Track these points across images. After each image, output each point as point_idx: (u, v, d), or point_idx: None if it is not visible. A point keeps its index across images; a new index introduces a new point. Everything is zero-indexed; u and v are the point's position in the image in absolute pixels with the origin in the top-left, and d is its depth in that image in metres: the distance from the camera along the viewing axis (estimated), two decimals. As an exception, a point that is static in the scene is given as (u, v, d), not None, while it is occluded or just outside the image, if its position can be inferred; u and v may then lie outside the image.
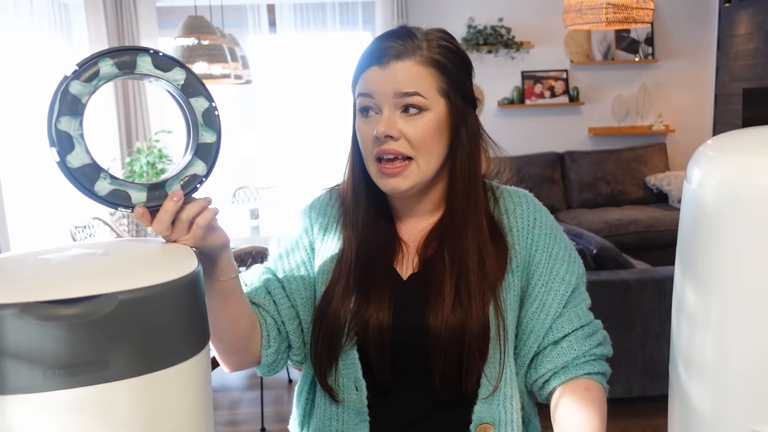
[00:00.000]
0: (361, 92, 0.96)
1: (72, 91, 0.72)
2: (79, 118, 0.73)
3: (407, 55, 0.94)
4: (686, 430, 0.68)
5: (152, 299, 0.63)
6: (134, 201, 0.77)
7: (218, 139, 0.80)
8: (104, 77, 0.74)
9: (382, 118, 0.94)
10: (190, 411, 0.68)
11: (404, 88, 0.93)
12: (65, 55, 4.61)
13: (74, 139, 0.73)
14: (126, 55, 0.75)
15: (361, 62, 0.97)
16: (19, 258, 0.70)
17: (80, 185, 0.75)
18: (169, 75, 0.77)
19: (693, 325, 0.65)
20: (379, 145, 0.94)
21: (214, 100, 0.80)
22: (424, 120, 0.94)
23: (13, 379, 0.59)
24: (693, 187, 0.67)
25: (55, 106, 0.72)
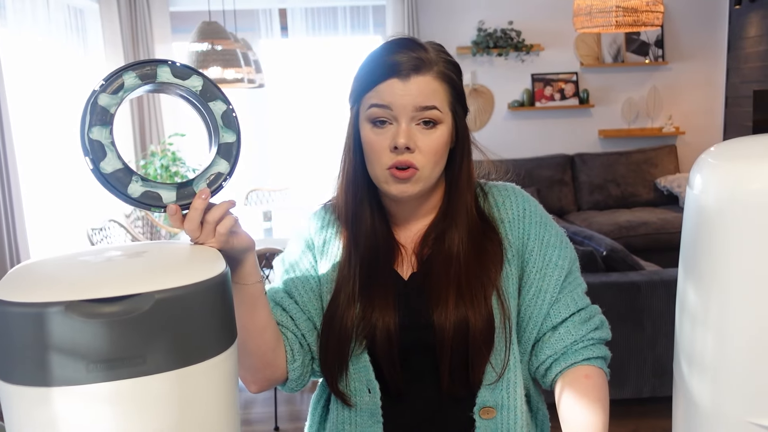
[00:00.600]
0: (377, 103, 0.97)
1: (101, 103, 0.78)
2: (108, 127, 0.79)
3: (425, 69, 0.97)
4: (688, 423, 0.72)
5: (186, 298, 0.68)
6: (165, 201, 0.82)
7: (238, 138, 0.85)
8: (129, 88, 0.79)
9: (399, 129, 0.97)
10: (219, 403, 0.72)
11: (424, 102, 0.96)
12: (81, 60, 4.69)
13: (106, 147, 0.79)
14: (147, 67, 0.80)
15: (375, 74, 0.98)
16: (59, 260, 0.75)
17: (114, 189, 0.79)
18: (188, 82, 0.82)
19: (694, 324, 0.69)
20: (395, 156, 0.97)
21: (230, 103, 0.85)
22: (437, 133, 0.98)
23: (58, 372, 0.63)
24: (695, 192, 0.70)
25: (86, 118, 0.78)
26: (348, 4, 5.23)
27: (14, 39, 3.76)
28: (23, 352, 0.64)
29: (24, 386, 0.64)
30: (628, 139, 5.55)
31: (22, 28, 3.86)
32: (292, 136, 5.37)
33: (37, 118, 3.99)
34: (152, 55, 5.07)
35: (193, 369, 0.69)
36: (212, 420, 0.72)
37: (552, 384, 1.05)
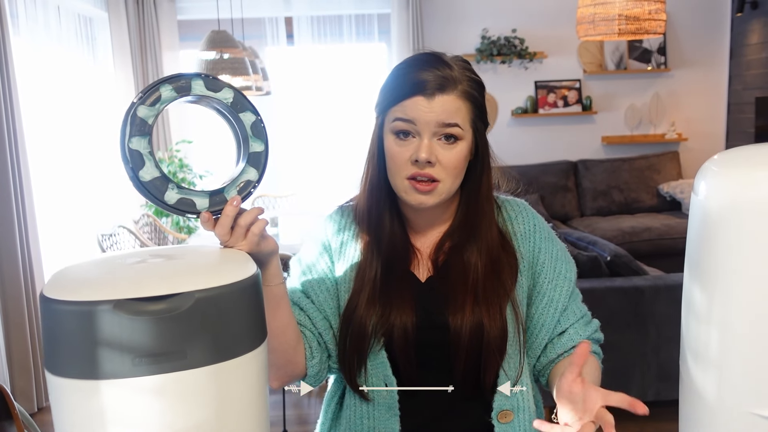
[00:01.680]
0: (402, 117, 1.02)
1: (139, 114, 0.83)
2: (147, 137, 0.84)
3: (449, 88, 1.01)
4: (694, 415, 0.76)
5: (223, 297, 0.72)
6: (199, 207, 0.87)
7: (266, 147, 0.90)
8: (165, 101, 0.84)
9: (422, 144, 1.01)
10: (252, 396, 0.77)
11: (447, 119, 1.01)
12: (91, 68, 4.75)
13: (144, 156, 0.84)
14: (182, 80, 0.85)
15: (402, 89, 1.03)
16: (99, 262, 0.80)
17: (152, 196, 0.84)
18: (220, 94, 0.87)
19: (700, 322, 0.73)
20: (416, 168, 1.02)
21: (259, 114, 0.90)
22: (458, 149, 1.03)
23: (105, 366, 0.68)
24: (700, 199, 0.75)
25: (127, 128, 0.83)
26: (353, 12, 5.30)
27: (27, 48, 3.82)
28: (73, 347, 0.69)
29: (74, 379, 0.69)
30: (631, 146, 5.60)
31: (35, 36, 3.92)
32: (298, 143, 5.43)
33: (48, 125, 4.05)
34: (160, 63, 5.13)
35: (230, 364, 0.73)
36: (247, 412, 0.76)
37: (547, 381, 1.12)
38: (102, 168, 4.88)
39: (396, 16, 5.21)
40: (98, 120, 4.82)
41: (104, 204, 4.84)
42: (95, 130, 4.79)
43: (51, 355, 0.71)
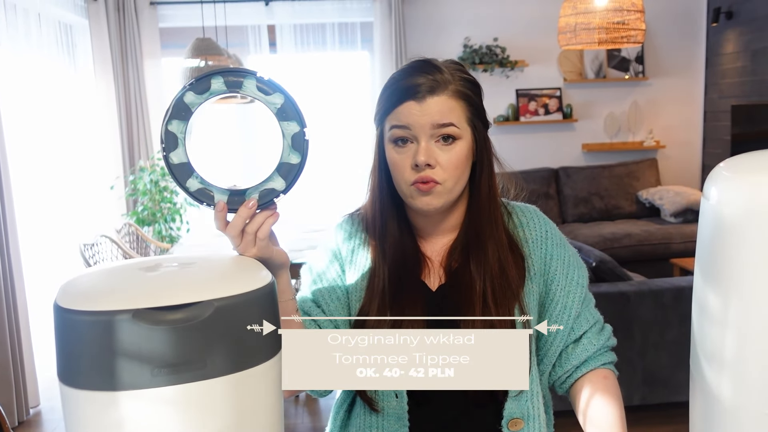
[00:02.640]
0: (397, 124, 1.03)
1: (186, 100, 0.84)
2: (186, 123, 0.85)
3: (440, 89, 1.02)
4: (708, 417, 0.77)
5: (242, 305, 0.72)
6: (216, 201, 0.87)
7: (302, 161, 0.88)
8: (214, 92, 0.85)
9: (419, 147, 1.02)
10: (269, 405, 0.77)
11: (441, 119, 1.01)
12: (71, 76, 4.70)
13: (179, 140, 0.85)
14: (235, 76, 0.85)
15: (394, 97, 1.04)
16: (111, 271, 0.78)
17: (176, 179, 0.86)
18: (269, 98, 0.87)
19: (714, 325, 0.74)
20: (417, 173, 1.03)
21: (306, 126, 0.88)
22: (456, 148, 1.03)
23: (125, 377, 0.67)
24: (711, 203, 0.76)
25: (170, 110, 0.84)
26: (336, 20, 5.31)
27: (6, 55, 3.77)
28: (91, 358, 0.68)
29: (91, 391, 0.68)
30: (611, 153, 5.67)
31: (15, 44, 3.87)
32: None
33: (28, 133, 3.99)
34: (141, 71, 5.09)
35: (249, 373, 0.73)
36: (264, 421, 0.76)
37: (569, 389, 1.12)
38: (84, 177, 4.82)
39: (379, 25, 5.23)
40: (79, 128, 4.76)
41: (86, 213, 4.78)
42: (77, 139, 4.73)
43: (66, 366, 0.70)
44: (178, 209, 4.87)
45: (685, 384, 3.12)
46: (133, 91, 5.08)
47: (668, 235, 4.87)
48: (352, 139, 5.46)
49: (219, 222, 0.89)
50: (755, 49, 4.86)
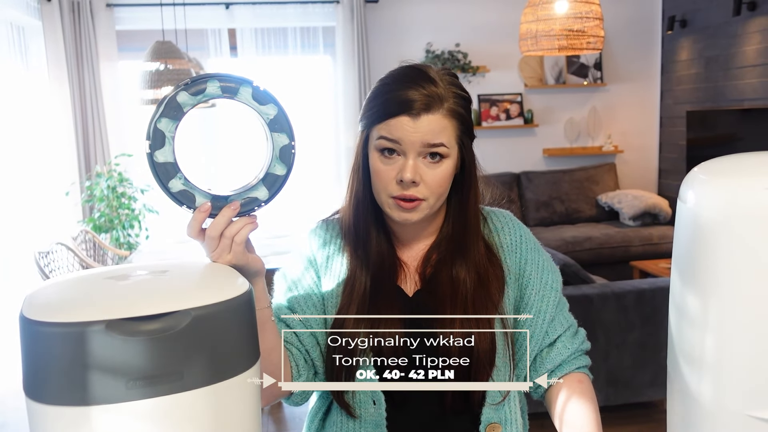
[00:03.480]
0: (387, 137, 1.00)
1: (179, 99, 0.82)
2: (176, 122, 0.83)
3: (435, 107, 1.00)
4: (688, 418, 0.78)
5: (219, 314, 0.69)
6: (197, 204, 0.86)
7: (287, 173, 0.88)
8: (208, 95, 0.84)
9: (407, 164, 1.00)
10: (248, 415, 0.74)
11: (432, 139, 1.00)
12: (23, 78, 4.56)
13: (167, 139, 0.83)
14: (232, 82, 0.84)
15: (387, 109, 1.00)
16: (79, 280, 0.75)
17: (158, 178, 0.83)
18: (263, 108, 0.86)
19: (693, 327, 0.75)
20: (401, 189, 1.01)
21: (294, 139, 0.88)
22: (443, 167, 1.02)
23: (97, 391, 0.64)
24: (689, 206, 0.77)
25: (161, 108, 0.82)
26: (298, 24, 5.27)
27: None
28: (61, 372, 0.64)
29: (61, 406, 0.65)
30: (571, 158, 5.77)
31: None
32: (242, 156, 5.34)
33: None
34: (98, 74, 4.97)
35: (227, 384, 0.70)
36: None
37: (544, 393, 1.12)
38: (37, 182, 4.68)
39: (341, 29, 5.21)
40: (33, 132, 4.62)
41: (40, 220, 4.63)
42: (30, 143, 4.59)
43: (34, 380, 0.66)
44: (136, 215, 4.76)
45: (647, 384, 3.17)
46: (89, 94, 4.95)
47: (627, 238, 4.97)
48: (315, 145, 5.43)
49: (194, 225, 0.86)
50: (708, 56, 5.01)
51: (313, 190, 5.43)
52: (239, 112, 5.23)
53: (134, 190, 4.79)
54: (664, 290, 2.99)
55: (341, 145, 5.39)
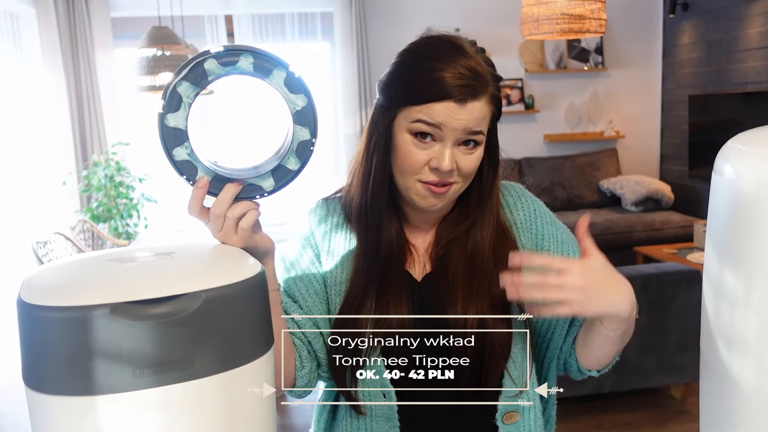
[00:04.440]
0: (427, 121, 0.93)
1: (206, 66, 0.77)
2: (198, 89, 0.78)
3: (481, 94, 0.93)
4: (725, 403, 0.74)
5: (231, 297, 0.65)
6: (198, 177, 0.81)
7: (299, 170, 0.83)
8: (238, 69, 0.78)
9: (444, 152, 0.93)
10: (261, 405, 0.70)
11: (475, 126, 0.94)
12: (17, 67, 4.49)
13: (183, 104, 0.78)
14: (267, 62, 0.79)
15: (429, 90, 0.92)
16: (82, 263, 0.71)
17: (164, 143, 0.79)
18: (292, 97, 0.81)
19: (733, 306, 0.71)
20: (435, 176, 0.95)
21: (316, 137, 0.82)
22: (476, 154, 0.96)
23: (103, 379, 0.60)
24: (726, 179, 0.72)
25: (184, 70, 0.77)
26: (296, 10, 5.20)
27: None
28: (63, 359, 0.60)
29: (64, 396, 0.60)
30: (572, 143, 5.72)
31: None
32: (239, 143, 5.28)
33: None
34: (93, 61, 4.90)
35: (239, 371, 0.66)
36: (256, 423, 0.69)
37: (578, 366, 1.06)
38: (34, 172, 4.62)
39: (339, 15, 5.14)
40: (28, 122, 4.56)
41: (38, 210, 4.58)
42: (25, 133, 4.52)
43: (33, 369, 0.62)
44: (134, 205, 4.70)
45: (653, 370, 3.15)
46: (84, 82, 4.88)
47: (630, 223, 4.93)
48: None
49: (194, 203, 0.81)
50: (711, 39, 4.95)
51: (311, 177, 5.37)
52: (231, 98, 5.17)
53: (132, 179, 4.74)
54: (671, 275, 2.95)
55: (340, 132, 5.33)
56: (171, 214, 4.97)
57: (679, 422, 3.00)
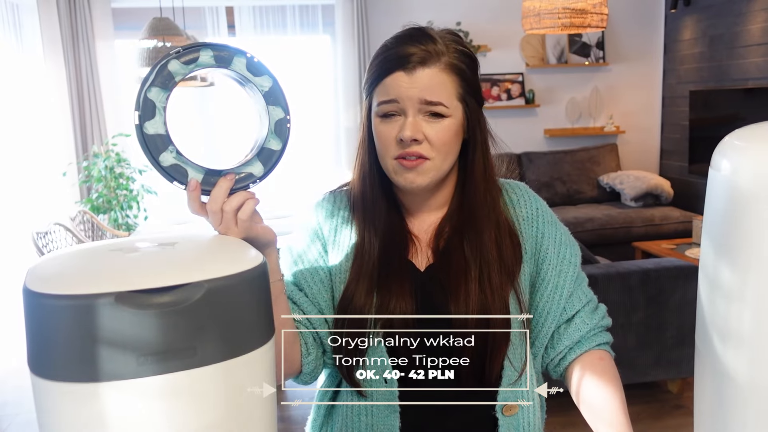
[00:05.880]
0: (385, 99, 0.98)
1: (170, 68, 0.79)
2: (168, 92, 0.79)
3: (432, 61, 0.96)
4: (719, 397, 0.75)
5: (234, 287, 0.66)
6: (190, 179, 0.82)
7: (283, 148, 0.86)
8: (201, 65, 0.80)
9: (406, 122, 0.97)
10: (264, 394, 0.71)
11: (429, 96, 0.96)
12: (17, 57, 4.48)
13: (157, 110, 0.79)
14: (225, 52, 0.81)
15: (383, 67, 0.98)
16: (84, 252, 0.71)
17: (148, 152, 0.79)
18: (258, 80, 0.83)
19: (728, 301, 0.72)
20: (402, 148, 0.98)
21: (289, 113, 0.85)
22: (444, 124, 0.98)
23: (107, 367, 0.61)
24: (724, 174, 0.73)
25: (151, 76, 0.78)
26: (297, 3, 5.19)
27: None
28: (68, 347, 0.61)
29: (68, 383, 0.61)
30: (572, 138, 5.72)
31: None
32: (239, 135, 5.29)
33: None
34: (93, 52, 4.89)
35: (241, 360, 0.67)
36: (257, 411, 0.70)
37: (563, 372, 1.08)
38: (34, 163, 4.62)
39: (340, 8, 5.13)
40: (28, 112, 4.56)
41: (38, 201, 4.59)
42: (26, 123, 4.53)
43: (39, 356, 0.63)
44: (134, 196, 4.71)
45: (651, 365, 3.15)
46: (84, 73, 4.88)
47: (629, 219, 4.94)
48: (314, 125, 5.37)
49: (193, 203, 0.83)
50: (712, 35, 4.95)
51: (312, 170, 5.38)
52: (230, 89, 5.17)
53: (132, 171, 4.74)
54: (669, 270, 2.96)
55: (341, 125, 5.33)
56: (171, 207, 4.98)
57: (675, 416, 3.02)
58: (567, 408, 1.19)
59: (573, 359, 1.07)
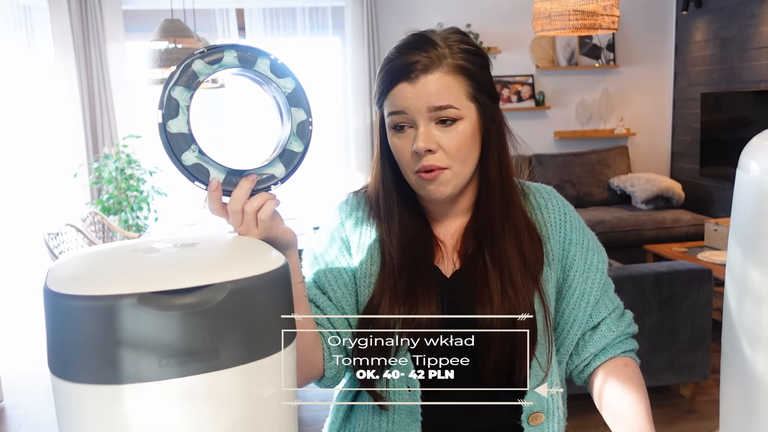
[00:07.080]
0: (393, 110, 0.96)
1: (194, 67, 0.79)
2: (192, 92, 0.79)
3: (434, 66, 0.94)
4: (748, 402, 0.73)
5: (256, 289, 0.65)
6: (211, 179, 0.82)
7: (305, 150, 0.85)
8: (225, 65, 0.80)
9: (418, 133, 0.95)
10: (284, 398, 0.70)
11: (436, 102, 0.94)
12: (29, 59, 4.51)
13: (181, 108, 0.79)
14: (250, 53, 0.81)
15: (387, 79, 0.96)
16: (105, 252, 0.71)
17: (171, 151, 0.79)
18: (281, 81, 0.83)
19: (759, 304, 0.70)
20: (419, 161, 0.96)
21: (311, 116, 0.85)
22: (459, 129, 0.96)
23: (129, 369, 0.60)
24: (751, 175, 0.72)
25: (175, 75, 0.78)
26: (307, 4, 5.20)
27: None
28: (90, 348, 0.60)
29: (90, 384, 0.61)
30: (582, 141, 5.69)
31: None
32: (250, 136, 5.30)
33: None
34: (104, 53, 4.91)
35: (263, 363, 0.66)
36: (279, 414, 0.69)
37: (588, 378, 1.07)
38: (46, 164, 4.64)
39: (350, 9, 5.13)
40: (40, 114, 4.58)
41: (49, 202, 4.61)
42: (37, 125, 4.55)
43: (60, 357, 0.62)
44: (145, 198, 4.72)
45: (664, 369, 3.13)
46: (96, 75, 4.90)
47: (640, 221, 4.91)
48: (324, 127, 5.37)
49: (214, 204, 0.82)
50: (724, 37, 4.91)
51: (322, 172, 5.38)
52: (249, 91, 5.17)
53: (143, 172, 4.75)
54: (682, 273, 2.94)
55: (350, 127, 5.33)
56: (181, 208, 4.98)
57: (688, 421, 2.99)
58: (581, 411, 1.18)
59: (597, 366, 1.06)
